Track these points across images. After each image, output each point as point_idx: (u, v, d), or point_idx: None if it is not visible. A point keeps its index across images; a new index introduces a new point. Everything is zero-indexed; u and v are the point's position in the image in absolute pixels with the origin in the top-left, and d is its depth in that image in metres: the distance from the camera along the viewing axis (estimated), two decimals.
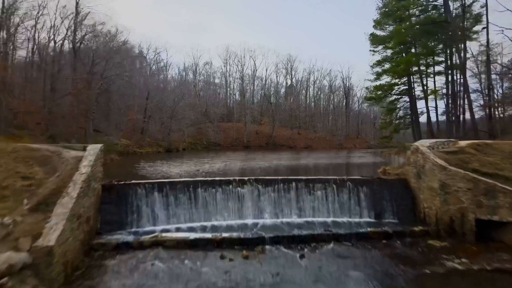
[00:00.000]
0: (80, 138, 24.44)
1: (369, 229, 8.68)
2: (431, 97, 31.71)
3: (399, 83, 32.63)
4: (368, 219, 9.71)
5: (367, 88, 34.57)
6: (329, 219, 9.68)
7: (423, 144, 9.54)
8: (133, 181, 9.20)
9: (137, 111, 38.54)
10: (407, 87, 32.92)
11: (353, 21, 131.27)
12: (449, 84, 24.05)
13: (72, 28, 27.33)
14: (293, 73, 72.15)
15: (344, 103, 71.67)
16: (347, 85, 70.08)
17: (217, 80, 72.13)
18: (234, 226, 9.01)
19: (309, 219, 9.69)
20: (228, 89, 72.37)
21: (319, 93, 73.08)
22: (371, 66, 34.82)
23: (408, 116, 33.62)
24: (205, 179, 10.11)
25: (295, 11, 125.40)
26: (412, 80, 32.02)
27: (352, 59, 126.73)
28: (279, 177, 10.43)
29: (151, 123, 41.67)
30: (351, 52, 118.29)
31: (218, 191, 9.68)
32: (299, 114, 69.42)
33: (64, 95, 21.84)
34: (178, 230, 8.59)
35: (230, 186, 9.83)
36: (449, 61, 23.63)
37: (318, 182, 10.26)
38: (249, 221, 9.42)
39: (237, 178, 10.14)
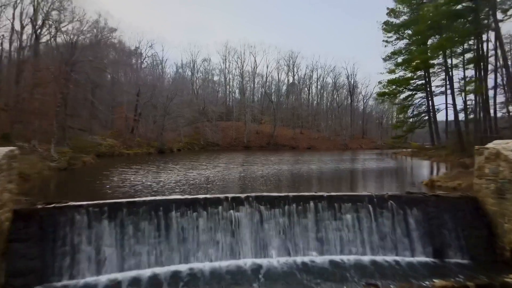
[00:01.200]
0: (51, 137, 21.29)
1: (434, 281, 5.52)
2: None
3: (415, 76, 29.49)
4: (424, 258, 6.60)
5: (379, 82, 31.67)
6: (366, 258, 6.57)
7: (508, 147, 6.37)
8: (70, 203, 6.05)
9: (127, 109, 35.41)
10: (423, 81, 29.78)
11: (357, 18, 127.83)
12: (481, 75, 20.78)
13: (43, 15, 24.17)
14: (295, 70, 69.06)
15: (348, 102, 68.46)
16: (352, 83, 66.96)
17: (215, 78, 69.02)
18: (223, 272, 5.89)
19: (336, 257, 6.58)
20: (228, 86, 69.29)
21: (322, 91, 69.94)
22: (383, 58, 31.79)
23: (424, 114, 30.47)
24: (183, 197, 6.98)
25: (295, 11, 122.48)
26: (429, 74, 28.87)
27: (358, 56, 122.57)
28: (290, 194, 7.30)
29: (143, 121, 38.59)
30: (356, 49, 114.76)
31: (202, 215, 6.59)
32: (301, 112, 66.27)
33: (29, 88, 18.67)
34: (136, 282, 5.47)
35: (220, 208, 6.74)
36: (482, 49, 20.35)
37: (346, 200, 7.14)
38: (247, 261, 6.31)
39: (229, 195, 7.01)
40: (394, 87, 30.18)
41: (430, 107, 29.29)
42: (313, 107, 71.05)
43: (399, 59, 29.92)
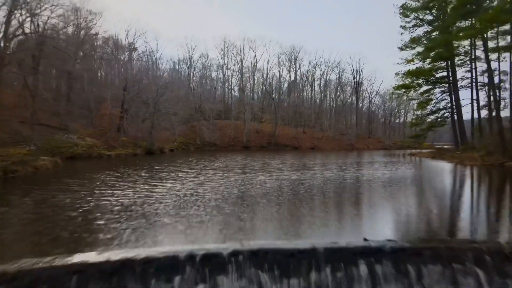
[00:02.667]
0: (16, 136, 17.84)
1: None
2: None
3: (436, 67, 25.87)
4: None
5: (396, 74, 28.15)
6: None
7: None
8: None
9: (113, 105, 31.89)
10: (445, 72, 26.23)
11: (364, 11, 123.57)
12: None
13: None
14: (297, 66, 65.45)
15: (353, 99, 64.88)
16: (357, 79, 63.36)
17: (213, 74, 65.46)
18: None
19: None
20: (226, 83, 65.73)
21: (326, 87, 66.28)
22: (400, 47, 28.17)
23: (446, 110, 26.90)
24: (93, 260, 3.40)
25: (297, 3, 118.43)
26: (453, 64, 25.32)
27: (364, 51, 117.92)
28: (318, 244, 3.77)
29: (132, 119, 35.06)
30: (362, 44, 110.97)
31: None
32: (304, 111, 62.77)
33: None
34: None
35: (176, 282, 3.20)
36: None
37: (431, 257, 3.62)
38: None
39: (197, 250, 3.48)
40: (413, 79, 26.53)
41: (454, 102, 25.68)
42: (316, 105, 67.53)
43: (419, 48, 26.35)
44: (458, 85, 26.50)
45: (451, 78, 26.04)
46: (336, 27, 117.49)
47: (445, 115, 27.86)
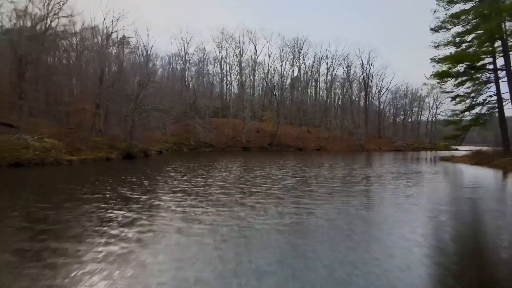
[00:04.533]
0: None
1: None
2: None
3: (482, 50, 20.74)
4: None
5: (432, 59, 22.95)
6: None
7: None
8: None
9: (85, 99, 26.80)
10: (490, 59, 21.14)
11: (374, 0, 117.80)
12: None
13: None
14: (301, 60, 60.32)
15: (362, 95, 59.71)
16: (367, 73, 58.13)
17: (210, 68, 60.25)
18: None
19: None
20: (224, 78, 60.57)
21: (332, 83, 61.03)
22: (432, 28, 23.07)
23: (490, 106, 21.82)
24: None
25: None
26: (503, 47, 20.24)
27: (374, 43, 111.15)
28: None
29: (113, 116, 30.02)
30: (372, 35, 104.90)
31: None
32: (308, 108, 57.68)
33: None
34: None
35: None
36: None
37: None
38: None
39: None
40: (455, 66, 21.46)
41: (502, 96, 20.64)
42: (322, 102, 62.38)
43: (456, 28, 21.27)
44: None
45: (499, 65, 20.95)
46: (344, 17, 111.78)
47: (486, 111, 22.82)
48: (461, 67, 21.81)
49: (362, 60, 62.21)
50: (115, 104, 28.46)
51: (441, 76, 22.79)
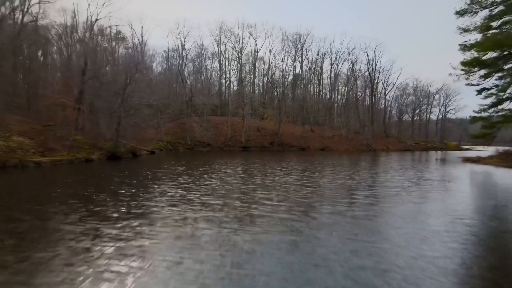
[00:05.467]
0: None
1: None
2: None
3: None
4: None
5: (462, 45, 20.12)
6: None
7: None
8: None
9: (67, 93, 24.07)
10: None
11: None
12: None
13: None
14: (303, 55, 57.47)
15: (368, 92, 56.85)
16: (373, 69, 55.26)
17: (208, 63, 57.45)
18: None
19: None
20: (224, 75, 57.77)
21: (336, 79, 58.13)
22: (458, 12, 20.25)
23: None
24: None
25: None
26: None
27: (381, 37, 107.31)
28: None
29: (100, 113, 27.25)
30: (379, 29, 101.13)
31: None
32: (312, 106, 54.90)
33: None
34: None
35: None
36: None
37: None
38: None
39: None
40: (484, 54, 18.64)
41: None
42: (326, 99, 59.56)
43: (486, 12, 18.43)
44: None
45: None
46: (349, 12, 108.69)
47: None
48: (494, 54, 18.92)
49: (368, 55, 59.45)
50: (102, 99, 25.70)
51: (472, 64, 19.85)
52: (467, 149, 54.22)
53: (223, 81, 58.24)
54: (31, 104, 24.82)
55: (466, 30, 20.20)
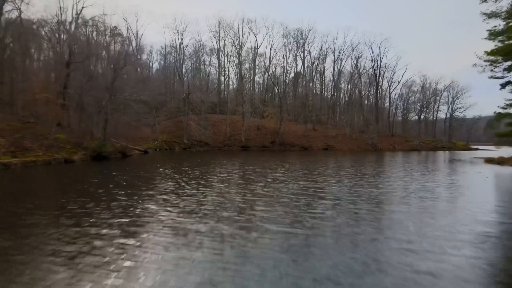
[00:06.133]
0: None
1: None
2: None
3: None
4: None
5: (489, 32, 18.14)
6: None
7: None
8: None
9: (48, 86, 21.98)
10: None
11: None
12: None
13: None
14: (305, 51, 55.38)
15: (372, 90, 54.77)
16: (378, 66, 53.16)
17: (207, 60, 55.32)
18: None
19: None
20: (222, 71, 55.67)
21: (340, 76, 55.99)
22: None
23: None
24: None
25: None
26: None
27: (387, 31, 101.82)
28: None
29: (91, 109, 25.20)
30: (385, 23, 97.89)
31: None
32: (314, 104, 52.85)
33: None
34: None
35: None
36: None
37: None
38: None
39: None
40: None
41: None
42: (329, 97, 57.46)
43: None
44: None
45: None
46: (354, 4, 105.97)
47: None
48: None
49: (372, 51, 57.29)
50: (90, 94, 23.62)
51: (504, 51, 17.50)
52: (476, 149, 52.14)
53: (222, 78, 56.21)
54: (15, 99, 22.78)
55: (491, 15, 18.07)
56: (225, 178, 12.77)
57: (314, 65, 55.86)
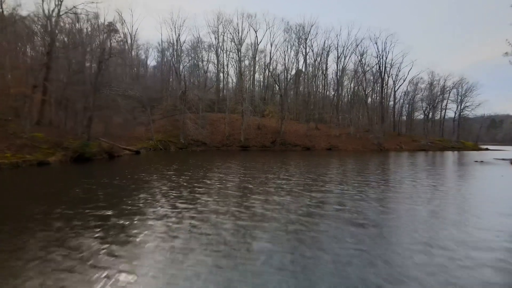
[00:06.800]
0: None
1: None
2: None
3: None
4: None
5: None
6: None
7: None
8: None
9: (26, 80, 19.85)
10: None
11: None
12: None
13: None
14: (307, 47, 53.19)
15: (377, 88, 52.62)
16: (383, 62, 50.99)
17: (204, 55, 53.20)
18: None
19: None
20: (221, 68, 53.52)
21: (343, 73, 53.81)
22: None
23: None
24: None
25: None
26: None
27: (393, 27, 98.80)
28: None
29: (71, 105, 23.13)
30: (391, 20, 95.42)
31: None
32: (317, 102, 50.71)
33: None
34: None
35: None
36: None
37: None
38: None
39: None
40: None
41: None
42: (332, 95, 55.32)
43: None
44: None
45: None
46: (355, 4, 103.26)
47: None
48: None
49: (377, 47, 55.04)
50: (74, 90, 21.48)
51: None
52: (486, 149, 50.05)
53: (221, 75, 54.07)
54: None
55: None
56: (216, 187, 10.58)
57: (317, 62, 53.71)
